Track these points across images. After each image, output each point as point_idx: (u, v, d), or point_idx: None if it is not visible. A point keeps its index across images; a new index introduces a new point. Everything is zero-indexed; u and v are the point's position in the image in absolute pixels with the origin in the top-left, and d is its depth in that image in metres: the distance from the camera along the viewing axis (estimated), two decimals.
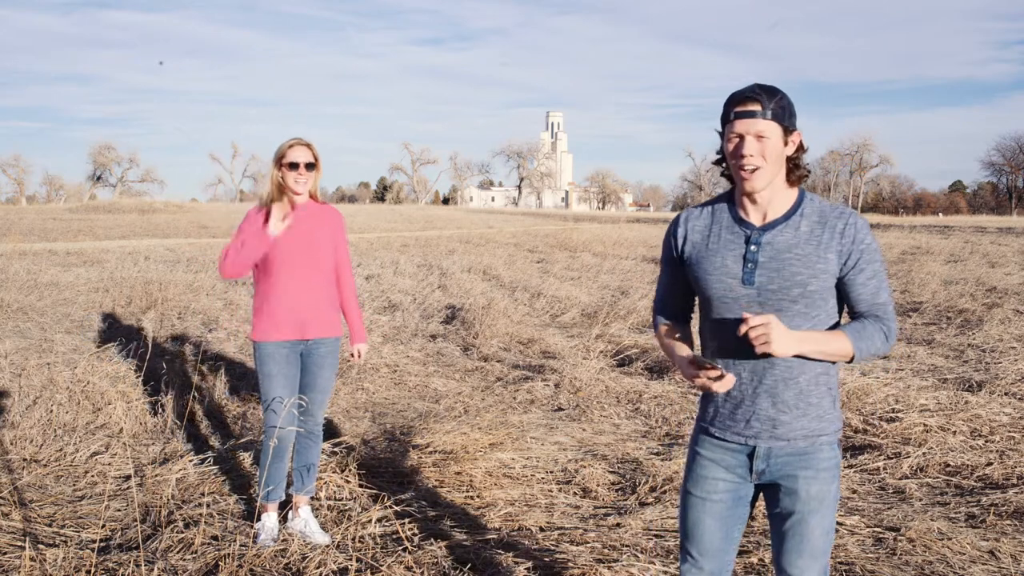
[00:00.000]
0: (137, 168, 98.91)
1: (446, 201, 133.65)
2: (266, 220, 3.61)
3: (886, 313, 2.07)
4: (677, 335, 2.25)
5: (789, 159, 2.08)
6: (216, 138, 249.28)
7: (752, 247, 2.07)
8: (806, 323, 2.05)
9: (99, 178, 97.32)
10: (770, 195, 2.07)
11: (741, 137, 2.02)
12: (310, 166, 3.69)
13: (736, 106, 2.02)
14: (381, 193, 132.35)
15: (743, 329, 1.94)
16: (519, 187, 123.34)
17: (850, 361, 2.05)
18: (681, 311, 2.33)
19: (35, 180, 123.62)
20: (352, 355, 4.05)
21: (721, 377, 2.00)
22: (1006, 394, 6.16)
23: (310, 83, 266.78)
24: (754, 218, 2.10)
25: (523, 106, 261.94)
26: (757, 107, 1.99)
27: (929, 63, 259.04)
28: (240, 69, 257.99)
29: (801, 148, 2.09)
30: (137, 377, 6.20)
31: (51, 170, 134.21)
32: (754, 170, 2.02)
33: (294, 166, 3.65)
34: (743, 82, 2.14)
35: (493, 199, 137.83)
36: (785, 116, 2.02)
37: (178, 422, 5.56)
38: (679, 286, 2.28)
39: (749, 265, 2.06)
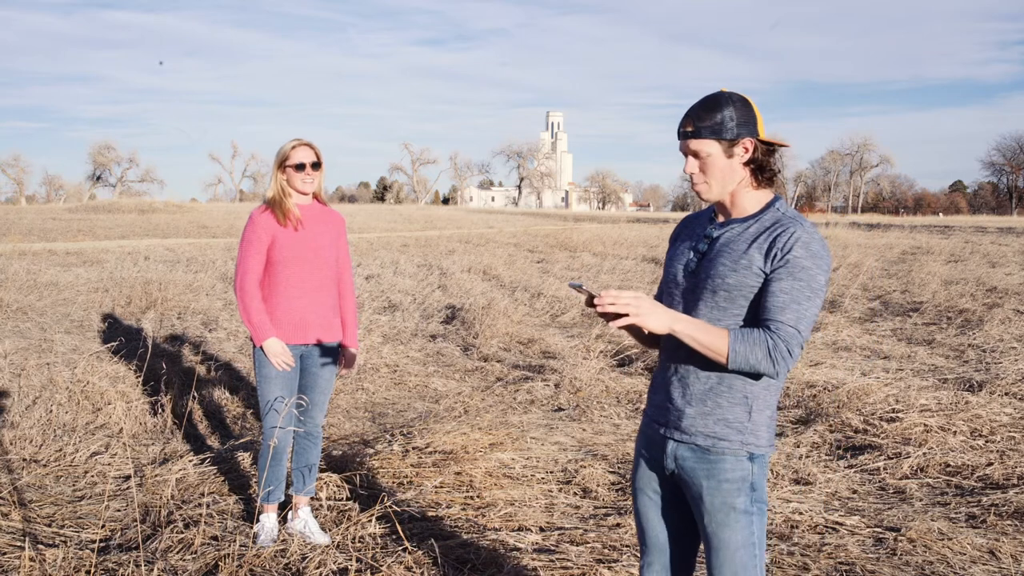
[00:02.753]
0: (137, 168, 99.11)
1: (446, 201, 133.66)
2: (276, 220, 3.64)
3: (780, 331, 1.93)
4: None
5: (749, 164, 2.07)
6: (216, 138, 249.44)
7: (703, 240, 2.15)
8: (725, 318, 2.04)
9: (99, 178, 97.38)
10: (732, 200, 2.12)
11: (685, 156, 2.11)
12: (316, 165, 3.69)
13: (679, 126, 2.10)
14: (381, 193, 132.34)
15: (597, 303, 1.90)
16: (519, 187, 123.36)
17: (726, 366, 1.95)
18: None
19: (35, 180, 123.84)
20: (340, 361, 3.94)
21: (592, 301, 1.96)
22: (1006, 394, 6.16)
23: (310, 83, 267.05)
24: (720, 217, 2.17)
25: (523, 106, 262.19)
26: (690, 127, 2.06)
27: (929, 63, 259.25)
28: (240, 69, 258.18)
29: (762, 150, 2.07)
30: (137, 377, 6.20)
31: (51, 170, 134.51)
32: (699, 185, 2.10)
33: (300, 167, 3.65)
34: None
35: (493, 199, 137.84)
36: (724, 130, 2.02)
37: (178, 422, 5.55)
38: None
39: (695, 256, 2.15)
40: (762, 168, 2.08)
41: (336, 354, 3.87)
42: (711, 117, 2.03)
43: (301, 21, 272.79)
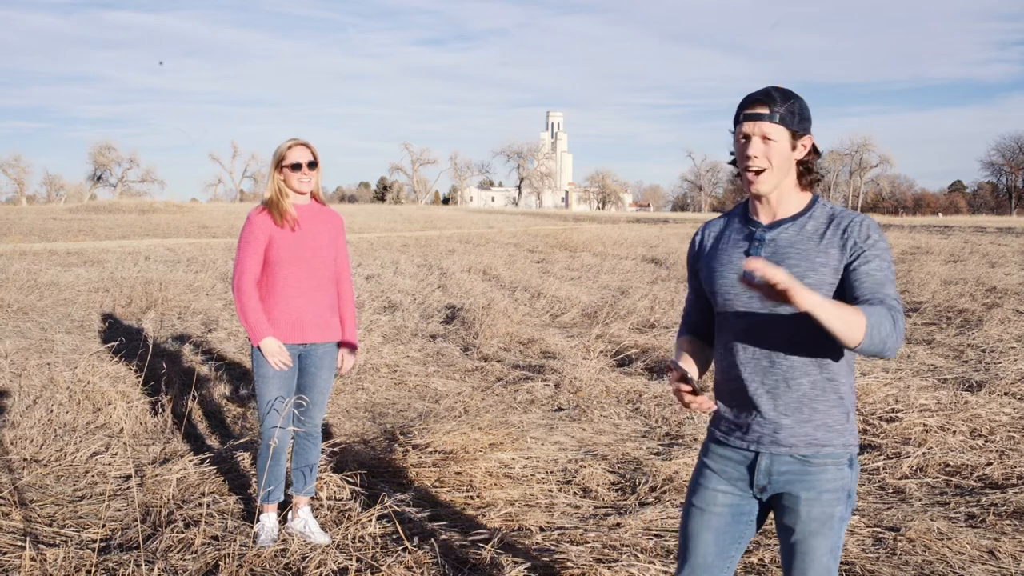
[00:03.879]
0: (137, 168, 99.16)
1: (446, 201, 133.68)
2: (273, 220, 3.65)
3: (891, 303, 1.90)
4: (687, 348, 2.25)
5: (800, 163, 2.07)
6: (216, 138, 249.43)
7: (756, 243, 2.08)
8: (795, 322, 1.99)
9: (99, 178, 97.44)
10: (779, 197, 2.08)
11: (748, 138, 2.04)
12: (312, 165, 3.69)
13: (746, 108, 2.04)
14: (381, 193, 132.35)
15: (750, 267, 1.73)
16: (519, 187, 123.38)
17: (858, 346, 1.83)
18: (704, 325, 2.28)
19: (35, 180, 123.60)
20: (339, 360, 3.93)
21: (695, 393, 1.97)
22: (1006, 394, 6.17)
23: (310, 83, 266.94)
24: (763, 218, 2.11)
25: (523, 106, 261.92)
26: (765, 110, 2.01)
27: (929, 63, 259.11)
28: (240, 69, 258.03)
29: (814, 152, 2.09)
30: (137, 377, 6.20)
31: (51, 170, 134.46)
32: (759, 171, 2.03)
33: (297, 167, 3.65)
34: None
35: (493, 199, 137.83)
36: (794, 120, 2.02)
37: (178, 422, 5.56)
38: (701, 299, 2.26)
39: (743, 259, 2.08)
40: (810, 170, 2.08)
41: (334, 353, 3.87)
42: (787, 105, 2.01)
43: (301, 21, 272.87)
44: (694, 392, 1.98)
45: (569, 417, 5.95)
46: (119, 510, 4.11)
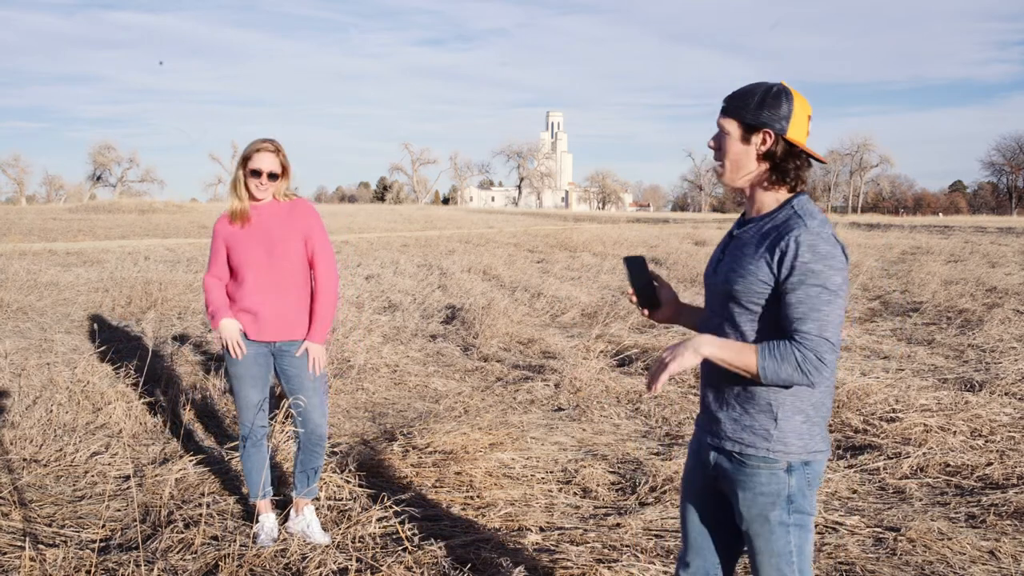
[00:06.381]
0: (137, 168, 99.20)
1: (446, 201, 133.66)
2: (230, 222, 3.65)
3: (806, 342, 1.88)
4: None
5: (766, 159, 2.02)
6: (216, 138, 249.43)
7: (727, 239, 2.15)
8: (743, 323, 2.02)
9: (99, 178, 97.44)
10: (752, 193, 2.10)
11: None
12: (273, 176, 3.59)
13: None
14: (381, 193, 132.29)
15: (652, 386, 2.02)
16: (519, 187, 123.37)
17: (758, 379, 1.93)
18: None
19: (35, 180, 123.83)
20: (304, 352, 3.71)
21: (638, 296, 2.29)
22: (1006, 394, 6.16)
23: (310, 83, 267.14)
24: (747, 214, 2.15)
25: (523, 106, 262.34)
26: (725, 103, 2.09)
27: (929, 63, 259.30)
28: (240, 69, 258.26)
29: (783, 149, 2.01)
30: (137, 377, 6.20)
31: (51, 170, 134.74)
32: (716, 163, 2.12)
33: (256, 174, 3.56)
34: (742, 82, 2.16)
35: (493, 199, 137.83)
36: (744, 112, 2.01)
37: (177, 422, 5.55)
38: None
39: (720, 255, 2.15)
40: (777, 167, 2.02)
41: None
42: (741, 98, 2.03)
43: (301, 21, 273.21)
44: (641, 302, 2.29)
45: (569, 417, 5.94)
46: (119, 510, 4.11)
